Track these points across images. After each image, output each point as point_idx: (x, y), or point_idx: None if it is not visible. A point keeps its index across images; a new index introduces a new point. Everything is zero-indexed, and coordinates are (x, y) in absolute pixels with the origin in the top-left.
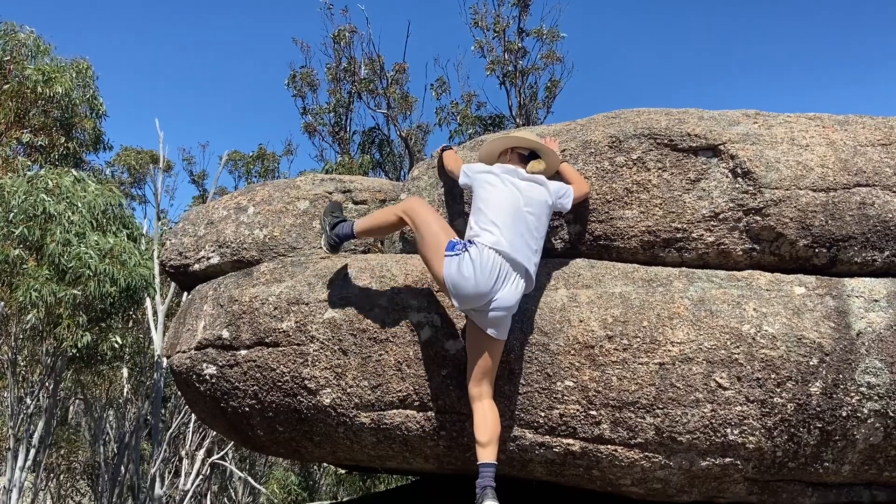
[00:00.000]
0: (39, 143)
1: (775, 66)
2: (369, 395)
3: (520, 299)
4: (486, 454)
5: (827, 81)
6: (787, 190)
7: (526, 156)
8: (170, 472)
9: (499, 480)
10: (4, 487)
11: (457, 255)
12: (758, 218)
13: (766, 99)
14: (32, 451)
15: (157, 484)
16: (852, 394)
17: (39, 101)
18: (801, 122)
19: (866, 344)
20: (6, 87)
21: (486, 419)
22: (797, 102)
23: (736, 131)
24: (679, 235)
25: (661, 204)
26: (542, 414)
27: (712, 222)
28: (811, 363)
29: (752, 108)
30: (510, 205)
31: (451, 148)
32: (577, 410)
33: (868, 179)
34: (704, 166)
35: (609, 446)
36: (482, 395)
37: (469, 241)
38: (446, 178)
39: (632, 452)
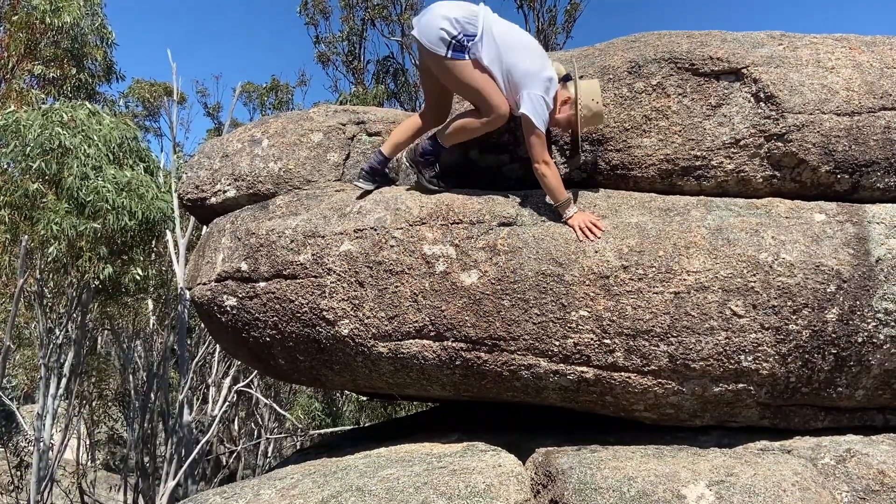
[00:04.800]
0: (51, 74)
1: None
2: (386, 325)
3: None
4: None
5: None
6: (811, 114)
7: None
8: (198, 399)
9: (514, 406)
10: (38, 414)
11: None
12: (780, 144)
13: (794, 21)
14: (64, 381)
15: (186, 411)
16: (869, 320)
17: (49, 32)
18: (828, 43)
19: (885, 270)
20: (15, 17)
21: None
22: (827, 25)
23: (760, 54)
24: (698, 163)
25: (680, 131)
26: (557, 343)
27: (733, 149)
28: (828, 290)
29: (779, 30)
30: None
31: None
32: (592, 339)
33: (894, 103)
34: (726, 91)
35: (623, 373)
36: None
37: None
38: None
39: (645, 379)
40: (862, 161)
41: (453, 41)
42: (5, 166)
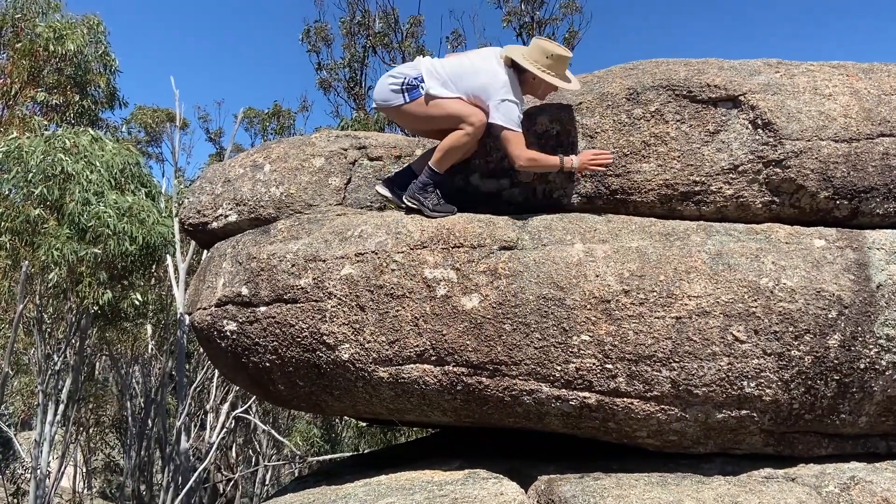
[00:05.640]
0: (54, 101)
1: (801, 16)
2: (387, 350)
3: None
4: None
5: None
6: (809, 141)
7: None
8: (195, 426)
9: (515, 432)
10: (35, 441)
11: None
12: (778, 170)
13: (789, 50)
14: (61, 407)
15: (183, 437)
16: (871, 346)
17: (52, 59)
18: (825, 70)
19: (886, 296)
20: (19, 45)
21: None
22: (822, 53)
23: (757, 81)
24: (697, 189)
25: (679, 157)
26: (559, 368)
27: (731, 175)
28: (830, 316)
29: (775, 58)
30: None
31: None
32: (594, 364)
33: (892, 129)
34: (724, 118)
35: (625, 399)
36: None
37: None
38: None
39: (648, 405)
40: (861, 187)
41: (403, 85)
42: (7, 192)
